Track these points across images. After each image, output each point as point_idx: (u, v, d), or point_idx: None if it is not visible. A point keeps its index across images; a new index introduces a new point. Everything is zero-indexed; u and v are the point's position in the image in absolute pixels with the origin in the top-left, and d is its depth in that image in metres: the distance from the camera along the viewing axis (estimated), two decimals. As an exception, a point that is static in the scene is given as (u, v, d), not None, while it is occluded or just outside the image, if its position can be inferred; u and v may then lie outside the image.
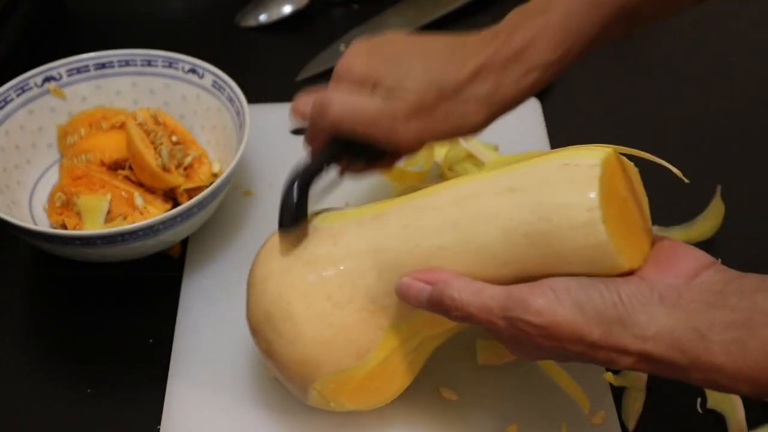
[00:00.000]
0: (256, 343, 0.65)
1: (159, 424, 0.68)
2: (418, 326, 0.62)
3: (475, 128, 0.63)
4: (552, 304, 0.53)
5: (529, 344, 0.56)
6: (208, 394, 0.69)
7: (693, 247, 0.56)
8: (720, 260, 0.56)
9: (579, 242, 0.54)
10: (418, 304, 0.58)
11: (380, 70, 0.62)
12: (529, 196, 0.56)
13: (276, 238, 0.65)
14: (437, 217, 0.59)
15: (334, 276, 0.61)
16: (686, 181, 0.59)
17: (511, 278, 0.56)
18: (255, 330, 0.64)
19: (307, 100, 0.66)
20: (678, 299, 0.52)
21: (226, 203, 0.81)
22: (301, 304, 0.61)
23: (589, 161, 0.55)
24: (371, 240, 0.61)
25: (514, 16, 0.63)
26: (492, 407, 0.68)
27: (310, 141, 0.67)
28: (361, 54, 0.64)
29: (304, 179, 0.63)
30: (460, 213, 0.58)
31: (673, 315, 0.51)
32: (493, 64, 0.61)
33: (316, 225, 0.64)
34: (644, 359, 0.52)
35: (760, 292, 0.51)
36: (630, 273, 0.55)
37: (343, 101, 0.62)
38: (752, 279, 0.53)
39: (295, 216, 0.63)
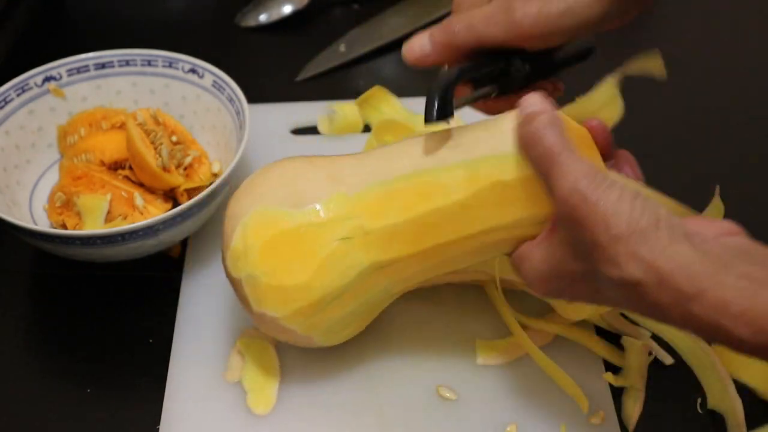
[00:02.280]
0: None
1: (159, 424, 0.68)
2: (366, 209, 0.62)
3: (591, 15, 0.62)
4: (607, 188, 0.53)
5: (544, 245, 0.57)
6: (207, 394, 0.70)
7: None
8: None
9: None
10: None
11: None
12: None
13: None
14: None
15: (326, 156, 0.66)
16: None
17: None
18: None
19: (421, 36, 0.65)
20: (702, 243, 0.52)
21: (225, 203, 0.81)
22: (280, 163, 0.66)
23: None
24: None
25: None
26: (492, 407, 0.68)
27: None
28: None
29: (449, 78, 0.61)
30: None
31: (692, 250, 0.51)
32: None
33: None
34: (650, 273, 0.51)
35: None
36: None
37: (462, 16, 0.64)
38: None
39: (442, 109, 0.60)
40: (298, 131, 0.91)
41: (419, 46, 0.65)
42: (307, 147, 0.88)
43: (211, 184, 0.76)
